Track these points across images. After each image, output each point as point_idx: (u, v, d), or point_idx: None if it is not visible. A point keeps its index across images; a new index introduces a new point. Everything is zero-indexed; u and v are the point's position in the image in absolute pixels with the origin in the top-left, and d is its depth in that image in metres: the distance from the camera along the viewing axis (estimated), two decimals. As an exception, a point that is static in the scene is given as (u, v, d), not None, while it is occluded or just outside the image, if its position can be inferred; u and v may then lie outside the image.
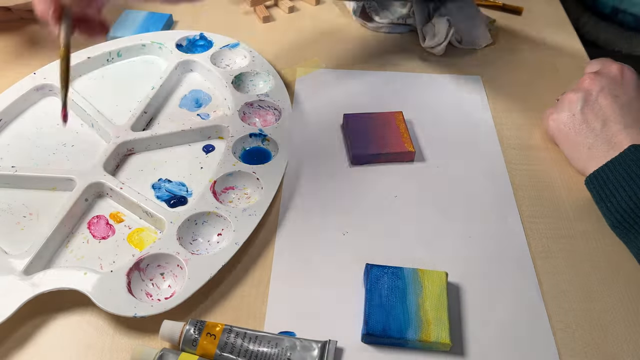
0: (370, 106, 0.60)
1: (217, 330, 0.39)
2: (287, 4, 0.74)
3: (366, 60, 0.67)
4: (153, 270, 0.43)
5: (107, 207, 0.49)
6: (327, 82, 0.63)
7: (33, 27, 0.69)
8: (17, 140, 0.54)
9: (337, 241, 0.47)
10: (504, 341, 0.41)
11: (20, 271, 0.42)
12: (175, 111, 0.58)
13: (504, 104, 0.62)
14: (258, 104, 0.57)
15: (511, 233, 0.48)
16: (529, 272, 0.46)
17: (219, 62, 0.63)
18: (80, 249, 0.45)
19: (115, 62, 0.63)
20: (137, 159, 0.53)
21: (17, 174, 0.49)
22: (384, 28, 0.71)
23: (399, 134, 0.55)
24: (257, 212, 0.47)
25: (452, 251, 0.47)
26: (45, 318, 0.41)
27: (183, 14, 0.73)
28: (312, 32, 0.71)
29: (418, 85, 0.63)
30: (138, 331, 0.41)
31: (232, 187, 0.50)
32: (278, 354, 0.38)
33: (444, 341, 0.39)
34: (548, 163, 0.55)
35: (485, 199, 0.51)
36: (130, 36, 0.65)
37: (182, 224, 0.45)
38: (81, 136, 0.55)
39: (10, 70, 0.62)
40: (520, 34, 0.72)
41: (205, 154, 0.54)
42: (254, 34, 0.70)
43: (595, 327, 0.42)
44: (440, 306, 0.41)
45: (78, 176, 0.49)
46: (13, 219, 0.47)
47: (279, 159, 0.51)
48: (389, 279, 0.43)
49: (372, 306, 0.41)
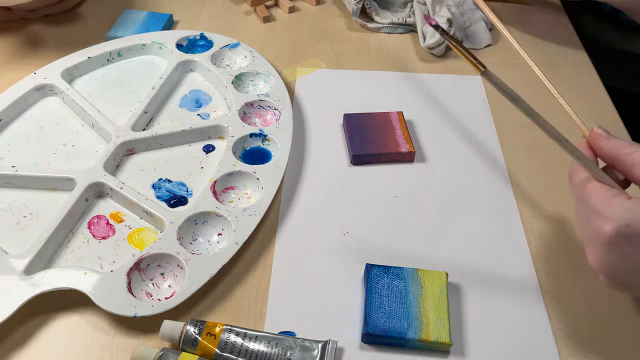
0: (370, 106, 0.60)
1: (217, 330, 0.39)
2: (288, 4, 0.74)
3: (366, 60, 0.67)
4: (153, 270, 0.43)
5: (107, 207, 0.49)
6: (327, 82, 0.63)
7: (33, 27, 0.69)
8: (17, 140, 0.54)
9: (337, 241, 0.47)
10: (504, 341, 0.41)
11: (20, 271, 0.42)
12: (176, 111, 0.58)
13: (504, 104, 0.61)
14: (258, 104, 0.57)
15: (511, 233, 0.48)
16: (529, 272, 0.46)
17: (219, 62, 0.63)
18: (80, 249, 0.45)
19: (116, 62, 0.63)
20: (138, 159, 0.53)
21: (17, 173, 0.49)
22: (384, 28, 0.71)
23: (399, 134, 0.55)
24: (257, 212, 0.47)
25: (452, 251, 0.47)
26: (45, 318, 0.42)
27: (183, 13, 0.73)
28: (312, 32, 0.71)
29: (418, 85, 0.63)
30: (138, 331, 0.41)
31: (233, 187, 0.50)
32: (278, 354, 0.38)
33: (444, 341, 0.39)
34: (548, 163, 0.55)
35: (485, 199, 0.51)
36: (130, 36, 0.65)
37: (182, 223, 0.45)
38: (81, 136, 0.55)
39: (10, 70, 0.62)
40: (521, 34, 0.72)
41: (205, 153, 0.54)
42: (254, 34, 0.70)
43: (595, 327, 0.42)
44: (441, 306, 0.41)
45: (78, 176, 0.49)
46: (13, 219, 0.47)
47: (279, 159, 0.52)
48: (389, 279, 0.43)
49: (372, 306, 0.41)
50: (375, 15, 0.71)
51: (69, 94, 0.57)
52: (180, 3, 0.75)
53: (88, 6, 0.73)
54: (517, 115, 0.60)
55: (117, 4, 0.74)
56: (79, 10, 0.73)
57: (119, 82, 0.61)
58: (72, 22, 0.71)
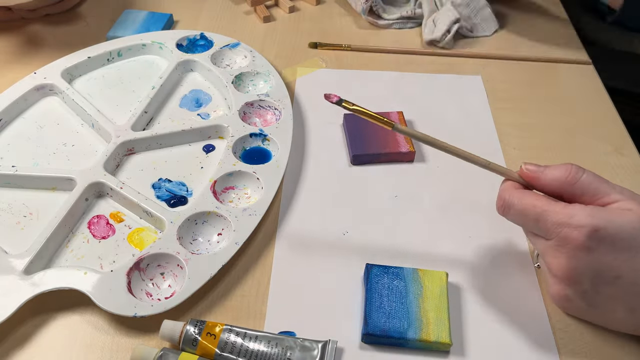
0: (371, 106, 0.60)
1: (217, 330, 0.39)
2: (288, 4, 0.74)
3: (366, 60, 0.67)
4: (153, 270, 0.43)
5: (107, 206, 0.49)
6: (327, 82, 0.63)
7: (33, 27, 0.69)
8: (17, 140, 0.54)
9: (337, 241, 0.47)
10: (504, 341, 0.41)
11: (20, 271, 0.42)
12: (176, 111, 0.58)
13: (503, 104, 0.62)
14: (258, 103, 0.57)
15: (511, 233, 0.48)
16: (529, 272, 0.46)
17: (219, 62, 0.63)
18: (80, 249, 0.45)
19: (116, 62, 0.63)
20: (138, 159, 0.53)
21: (17, 173, 0.49)
22: (395, 24, 0.71)
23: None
24: (257, 212, 0.47)
25: (452, 251, 0.47)
26: (45, 318, 0.41)
27: (183, 13, 0.73)
28: (312, 32, 0.71)
29: (418, 85, 0.63)
30: (138, 331, 0.41)
31: (233, 187, 0.50)
32: (278, 354, 0.38)
33: (444, 341, 0.39)
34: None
35: (485, 199, 0.51)
36: (130, 36, 0.65)
37: (182, 223, 0.45)
38: (81, 136, 0.55)
39: (10, 70, 0.62)
40: (521, 34, 0.72)
41: (205, 153, 0.54)
42: (254, 34, 0.70)
43: (595, 327, 0.42)
44: (441, 306, 0.41)
45: (78, 176, 0.49)
46: (13, 219, 0.47)
47: (279, 159, 0.51)
48: (389, 279, 0.43)
49: (372, 306, 0.41)
50: (382, 13, 0.71)
51: (69, 94, 0.57)
52: (180, 3, 0.75)
53: (88, 6, 0.73)
54: (517, 115, 0.61)
55: (117, 4, 0.74)
56: (79, 10, 0.73)
57: (119, 82, 0.61)
58: (72, 22, 0.71)
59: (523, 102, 0.62)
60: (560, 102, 0.62)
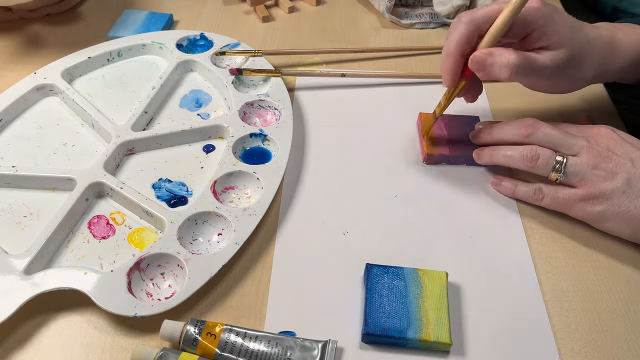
0: (371, 106, 0.60)
1: (217, 330, 0.39)
2: (288, 4, 0.74)
3: (366, 60, 0.67)
4: (153, 270, 0.44)
5: (107, 207, 0.49)
6: (327, 82, 0.63)
7: (33, 27, 0.69)
8: (17, 140, 0.54)
9: (337, 241, 0.47)
10: (504, 341, 0.41)
11: (20, 271, 0.42)
12: (176, 111, 0.58)
13: (504, 104, 0.62)
14: (258, 104, 0.57)
15: (511, 233, 0.48)
16: (529, 272, 0.46)
17: (219, 62, 0.63)
18: (80, 249, 0.45)
19: (116, 62, 0.63)
20: (138, 159, 0.53)
21: (17, 173, 0.49)
22: (417, 24, 0.71)
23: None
24: (257, 212, 0.47)
25: (452, 251, 0.47)
26: (45, 318, 0.42)
27: (183, 13, 0.73)
28: (312, 32, 0.71)
29: (418, 85, 0.63)
30: (138, 331, 0.41)
31: (233, 187, 0.50)
32: (278, 353, 0.38)
33: (444, 341, 0.39)
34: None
35: (485, 199, 0.51)
36: (130, 36, 0.65)
37: (182, 223, 0.45)
38: (81, 136, 0.55)
39: (10, 70, 0.62)
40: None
41: (205, 153, 0.54)
42: (254, 34, 0.70)
43: (595, 327, 0.42)
44: (441, 306, 0.41)
45: (78, 176, 0.49)
46: (13, 219, 0.47)
47: (279, 159, 0.52)
48: (389, 278, 0.43)
49: (372, 306, 0.41)
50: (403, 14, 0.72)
51: (69, 94, 0.57)
52: (180, 3, 0.75)
53: (88, 6, 0.74)
54: (518, 115, 0.61)
55: (117, 4, 0.74)
56: (79, 10, 0.73)
57: (119, 82, 0.61)
58: (72, 22, 0.71)
59: (523, 102, 0.62)
60: (560, 101, 0.62)
